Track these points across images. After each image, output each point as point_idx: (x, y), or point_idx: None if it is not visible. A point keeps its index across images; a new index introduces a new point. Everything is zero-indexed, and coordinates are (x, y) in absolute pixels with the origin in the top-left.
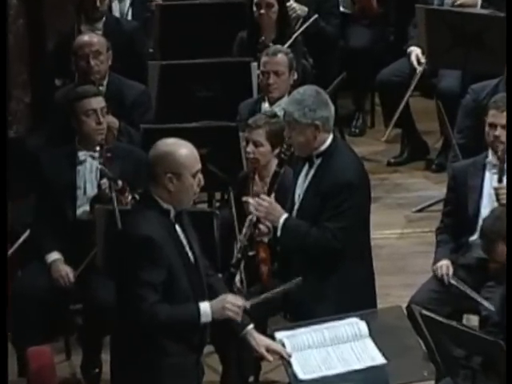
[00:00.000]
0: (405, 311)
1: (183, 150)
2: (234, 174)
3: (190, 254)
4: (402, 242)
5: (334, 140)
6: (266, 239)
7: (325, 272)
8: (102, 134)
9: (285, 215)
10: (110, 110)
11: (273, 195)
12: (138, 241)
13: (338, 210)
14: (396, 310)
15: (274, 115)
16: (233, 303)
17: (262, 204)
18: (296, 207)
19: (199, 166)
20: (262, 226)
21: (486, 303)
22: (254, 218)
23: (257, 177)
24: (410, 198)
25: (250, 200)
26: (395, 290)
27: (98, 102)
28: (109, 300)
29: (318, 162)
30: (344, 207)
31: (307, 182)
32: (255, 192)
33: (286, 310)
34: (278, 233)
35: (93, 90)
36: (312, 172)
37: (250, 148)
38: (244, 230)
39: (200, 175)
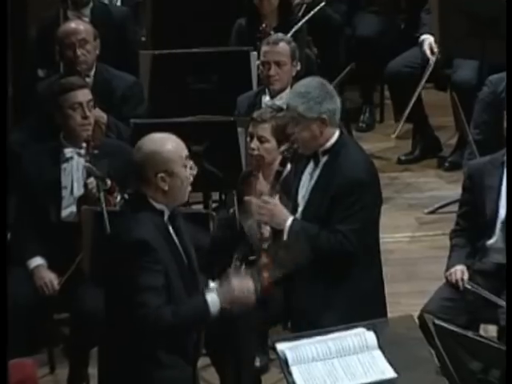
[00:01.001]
0: (416, 321)
1: (168, 145)
2: (232, 172)
3: (184, 257)
4: (414, 246)
5: (340, 135)
6: (266, 245)
7: (333, 278)
8: (89, 129)
9: (291, 218)
10: (98, 103)
11: (277, 196)
12: (131, 245)
13: (349, 211)
14: (407, 320)
15: (281, 109)
16: (241, 285)
17: (265, 206)
18: (300, 209)
19: (186, 152)
20: (264, 231)
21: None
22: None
23: (261, 175)
24: (421, 199)
25: (254, 200)
26: (406, 297)
27: (84, 95)
28: (96, 309)
29: (324, 159)
30: (356, 208)
31: (313, 182)
32: (259, 191)
33: (288, 319)
34: (285, 237)
35: (79, 81)
36: (318, 171)
37: (255, 144)
38: (257, 233)
39: (190, 162)
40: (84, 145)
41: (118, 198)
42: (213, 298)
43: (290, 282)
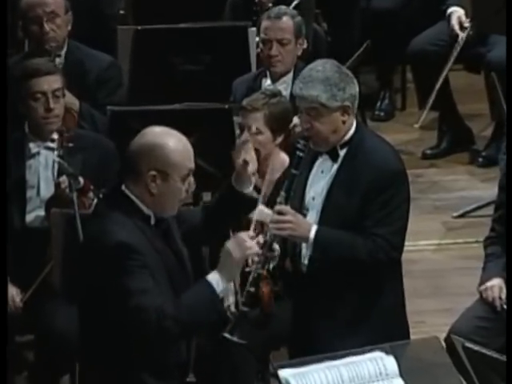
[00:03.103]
0: (443, 343)
1: (175, 144)
2: (227, 169)
3: (175, 262)
4: (440, 255)
5: (357, 125)
6: (271, 265)
7: (360, 293)
8: (53, 123)
9: (315, 226)
10: (69, 87)
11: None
12: (112, 249)
13: (386, 210)
14: (432, 342)
15: (275, 94)
16: (234, 241)
17: (284, 219)
18: (314, 214)
19: (192, 166)
20: (274, 248)
21: None
22: (272, 238)
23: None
24: (450, 200)
25: (261, 207)
26: (431, 316)
27: (50, 83)
28: (68, 329)
29: (343, 152)
30: (394, 204)
31: (330, 180)
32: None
33: (294, 342)
34: (310, 250)
35: (45, 66)
36: (336, 166)
37: (245, 137)
38: (255, 257)
39: (191, 179)
40: (56, 136)
41: (94, 199)
42: (214, 276)
43: (296, 297)
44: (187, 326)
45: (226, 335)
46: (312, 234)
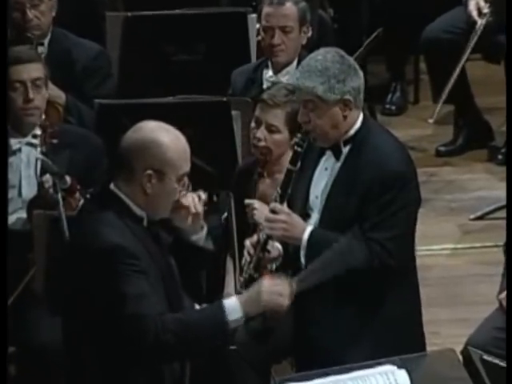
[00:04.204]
0: (460, 356)
1: (173, 141)
2: (224, 167)
3: (165, 268)
4: (456, 260)
5: (364, 119)
6: (274, 266)
7: (363, 302)
8: (33, 115)
9: (309, 228)
10: (54, 79)
11: (285, 203)
12: (105, 253)
13: (386, 213)
14: (448, 355)
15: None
16: (273, 286)
17: (277, 219)
18: (316, 214)
19: (188, 167)
20: (272, 249)
21: None
22: (264, 237)
23: (265, 173)
24: (466, 201)
25: (257, 205)
26: (446, 326)
27: (30, 72)
28: (52, 341)
29: (346, 149)
30: (394, 208)
31: (332, 179)
32: (262, 193)
33: (298, 354)
34: (302, 252)
35: (26, 53)
36: (339, 164)
37: (262, 133)
38: (248, 257)
39: (186, 180)
40: (39, 132)
41: (81, 200)
42: (231, 302)
43: (300, 306)
44: (187, 344)
45: None
46: (306, 236)
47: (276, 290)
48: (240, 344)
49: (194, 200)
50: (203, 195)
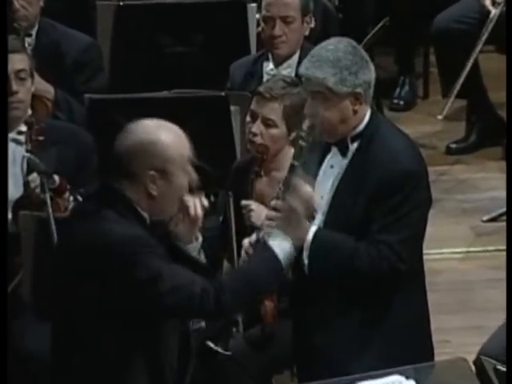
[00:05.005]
0: (472, 366)
1: (167, 136)
2: (222, 165)
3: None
4: (468, 264)
5: (372, 115)
6: None
7: (369, 309)
8: (18, 108)
9: (313, 227)
10: (42, 72)
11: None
12: (120, 246)
13: (395, 215)
14: (459, 365)
15: (295, 83)
16: (303, 197)
17: (278, 217)
18: (321, 214)
19: (189, 150)
20: None
21: None
22: (264, 236)
23: (262, 171)
24: (479, 202)
25: (254, 206)
26: (457, 334)
27: (13, 62)
28: (40, 350)
29: (354, 146)
30: (404, 209)
31: (339, 177)
32: (259, 192)
33: (300, 364)
34: (306, 253)
35: (10, 43)
36: (346, 161)
37: (258, 128)
38: (246, 257)
39: (190, 167)
40: (24, 129)
41: (71, 200)
42: (275, 240)
43: (302, 314)
44: (246, 298)
45: (210, 344)
46: (310, 236)
47: (303, 195)
48: (238, 353)
49: (196, 203)
50: (206, 201)
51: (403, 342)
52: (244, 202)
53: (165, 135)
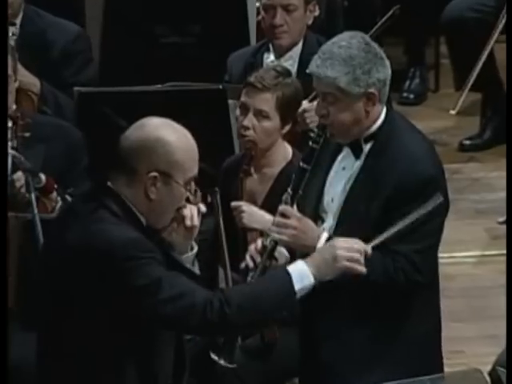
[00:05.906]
0: (487, 377)
1: (181, 140)
2: (221, 163)
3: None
4: (483, 269)
5: (387, 114)
6: None
7: (381, 321)
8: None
9: (324, 235)
10: (27, 64)
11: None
12: (117, 250)
13: (413, 223)
14: (473, 376)
15: (288, 72)
16: (348, 247)
17: (287, 224)
18: (331, 219)
19: (196, 169)
20: (280, 256)
21: None
22: (272, 243)
23: (252, 168)
24: (494, 202)
25: (245, 207)
26: (472, 344)
27: None
28: (27, 361)
29: (368, 147)
30: (421, 217)
31: (352, 180)
32: (250, 191)
33: (304, 377)
34: None
35: None
36: (359, 163)
37: (250, 121)
38: (250, 263)
39: (193, 186)
40: (9, 125)
41: (58, 200)
42: (298, 268)
43: (308, 323)
44: (251, 316)
45: (213, 356)
46: (320, 244)
47: (350, 248)
48: (237, 364)
49: (193, 212)
50: (203, 208)
51: (415, 355)
52: (234, 204)
53: (175, 138)
